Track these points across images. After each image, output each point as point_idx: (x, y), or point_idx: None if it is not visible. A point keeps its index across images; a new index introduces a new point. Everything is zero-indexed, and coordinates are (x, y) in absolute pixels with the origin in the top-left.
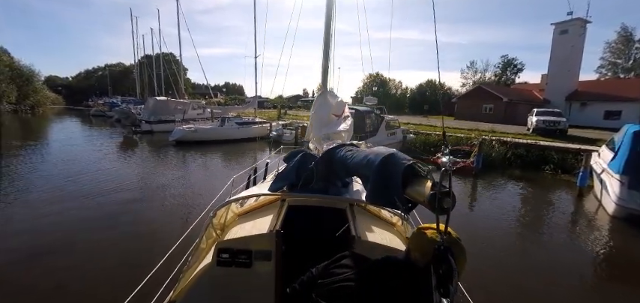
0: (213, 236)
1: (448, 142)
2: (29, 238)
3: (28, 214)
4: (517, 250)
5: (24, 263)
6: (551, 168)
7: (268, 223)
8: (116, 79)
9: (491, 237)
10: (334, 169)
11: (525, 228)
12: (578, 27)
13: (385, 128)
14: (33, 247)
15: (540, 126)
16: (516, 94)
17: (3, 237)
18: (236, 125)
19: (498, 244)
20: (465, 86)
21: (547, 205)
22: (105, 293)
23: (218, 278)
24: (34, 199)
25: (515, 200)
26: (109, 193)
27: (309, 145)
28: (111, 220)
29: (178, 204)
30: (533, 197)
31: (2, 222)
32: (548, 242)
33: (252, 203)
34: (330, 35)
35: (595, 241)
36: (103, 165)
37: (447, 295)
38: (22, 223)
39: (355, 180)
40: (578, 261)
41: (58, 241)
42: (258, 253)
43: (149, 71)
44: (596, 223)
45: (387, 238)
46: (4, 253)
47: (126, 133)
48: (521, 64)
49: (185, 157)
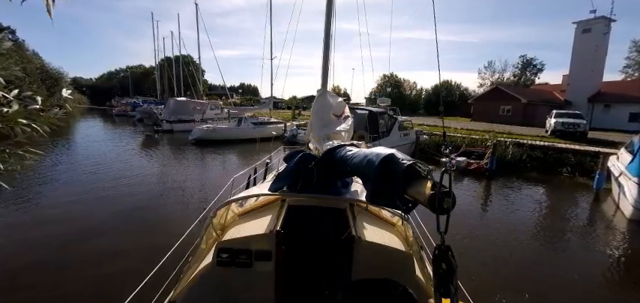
0: (213, 236)
1: (463, 143)
2: (39, 231)
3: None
4: (529, 252)
5: (26, 254)
6: (568, 170)
7: (268, 223)
8: (137, 81)
9: (501, 238)
10: (334, 169)
11: (538, 230)
12: (601, 26)
13: (398, 129)
14: (41, 241)
15: (559, 128)
16: (535, 95)
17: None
18: (252, 125)
19: (509, 246)
20: (482, 87)
21: (561, 208)
22: (105, 293)
23: (218, 278)
24: (56, 193)
25: (529, 202)
26: (129, 188)
27: (309, 145)
28: (124, 215)
29: (197, 199)
30: (548, 199)
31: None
32: (561, 245)
33: (253, 203)
34: (330, 36)
35: (611, 244)
36: (130, 162)
37: (448, 295)
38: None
39: (355, 180)
40: (594, 265)
41: (69, 233)
42: (259, 253)
43: (169, 73)
44: (612, 227)
45: (388, 239)
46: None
47: (148, 132)
48: (541, 63)
49: (203, 155)
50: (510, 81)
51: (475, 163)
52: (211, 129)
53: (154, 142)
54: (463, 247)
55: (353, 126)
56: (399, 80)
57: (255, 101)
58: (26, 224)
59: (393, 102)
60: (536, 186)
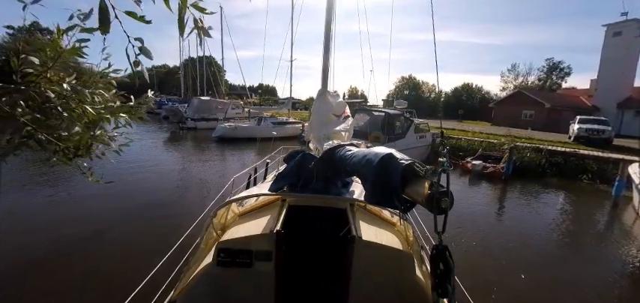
0: (213, 236)
1: (480, 147)
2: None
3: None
4: (541, 257)
5: (31, 248)
6: (589, 177)
7: (269, 223)
8: (161, 80)
9: (514, 245)
10: (334, 169)
11: (551, 235)
12: (633, 28)
13: (414, 131)
14: (48, 234)
15: (582, 134)
16: (560, 99)
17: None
18: (271, 124)
19: (522, 253)
20: (504, 90)
21: (579, 214)
22: (105, 293)
23: (218, 278)
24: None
25: (544, 207)
26: (151, 183)
27: (309, 145)
28: (140, 210)
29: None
30: (564, 205)
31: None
32: (575, 253)
33: (253, 203)
34: (330, 37)
35: (629, 254)
36: (159, 157)
37: (446, 295)
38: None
39: (355, 180)
40: (609, 275)
41: (79, 226)
42: (259, 253)
43: (192, 72)
44: (631, 236)
45: (387, 238)
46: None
47: (173, 129)
48: (568, 67)
49: (224, 152)
50: (535, 85)
51: (492, 167)
52: (233, 127)
53: (179, 138)
54: (473, 250)
55: (366, 126)
56: (417, 82)
57: (273, 101)
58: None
59: (411, 104)
60: (553, 191)
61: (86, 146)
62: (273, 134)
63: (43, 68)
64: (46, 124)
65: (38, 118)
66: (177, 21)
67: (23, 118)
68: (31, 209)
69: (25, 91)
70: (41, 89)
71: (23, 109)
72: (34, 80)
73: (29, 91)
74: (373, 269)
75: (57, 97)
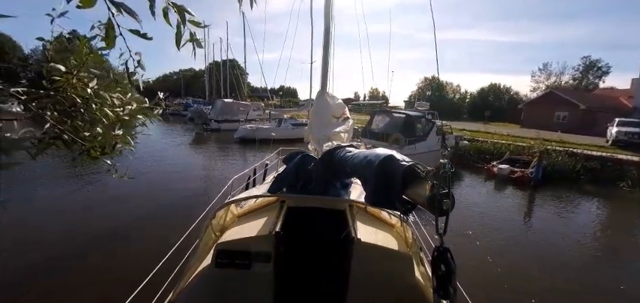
0: (212, 237)
1: (507, 150)
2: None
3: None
4: (570, 271)
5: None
6: (629, 184)
7: (268, 224)
8: (187, 83)
9: (541, 251)
10: (333, 170)
11: (582, 246)
12: None
13: (436, 133)
14: (60, 226)
15: (621, 138)
16: (597, 100)
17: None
18: (291, 126)
19: (548, 265)
20: (535, 91)
21: (615, 224)
22: (105, 293)
23: (217, 280)
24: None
25: (577, 217)
26: (180, 182)
27: (308, 147)
28: (157, 207)
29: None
30: (600, 214)
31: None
32: (606, 262)
33: (252, 204)
34: (329, 39)
35: None
36: (187, 159)
37: (447, 297)
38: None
39: (355, 181)
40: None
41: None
42: (258, 254)
43: (217, 76)
44: None
45: (387, 240)
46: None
47: (198, 130)
48: (606, 66)
49: (245, 152)
50: (568, 85)
51: (519, 171)
52: (254, 129)
53: (204, 139)
54: (494, 259)
55: (386, 128)
56: (441, 83)
57: (294, 103)
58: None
59: (434, 106)
60: (587, 199)
61: (112, 145)
62: (294, 136)
63: (69, 75)
64: (71, 126)
65: (64, 120)
66: (175, 35)
67: (51, 120)
68: (31, 209)
69: (53, 96)
70: (67, 94)
71: (51, 112)
72: (62, 85)
73: (57, 95)
74: (372, 271)
75: (81, 100)
